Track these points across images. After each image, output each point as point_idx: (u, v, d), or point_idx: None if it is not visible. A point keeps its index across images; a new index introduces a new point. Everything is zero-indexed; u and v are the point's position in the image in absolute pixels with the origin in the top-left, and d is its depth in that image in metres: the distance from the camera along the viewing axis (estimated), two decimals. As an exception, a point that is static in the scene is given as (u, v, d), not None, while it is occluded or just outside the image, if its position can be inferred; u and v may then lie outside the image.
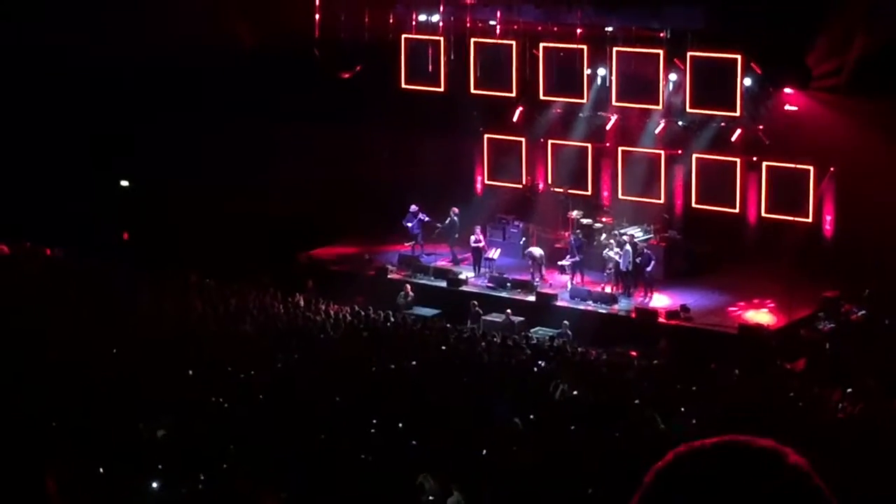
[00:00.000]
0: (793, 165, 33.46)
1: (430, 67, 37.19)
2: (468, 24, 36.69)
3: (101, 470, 18.54)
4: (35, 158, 38.94)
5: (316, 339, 28.54)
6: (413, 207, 36.53)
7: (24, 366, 24.30)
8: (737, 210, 34.45)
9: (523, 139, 37.74)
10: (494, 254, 35.50)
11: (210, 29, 36.02)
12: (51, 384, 22.72)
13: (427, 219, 36.45)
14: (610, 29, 34.70)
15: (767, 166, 33.89)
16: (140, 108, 38.87)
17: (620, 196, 36.16)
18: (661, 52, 33.87)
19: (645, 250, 33.57)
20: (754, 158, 34.13)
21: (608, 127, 36.25)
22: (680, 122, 35.03)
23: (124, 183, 40.94)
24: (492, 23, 36.60)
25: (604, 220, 36.35)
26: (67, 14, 36.75)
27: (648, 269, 33.41)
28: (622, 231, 34.94)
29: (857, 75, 31.62)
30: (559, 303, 33.24)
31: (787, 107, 33.80)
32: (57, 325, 27.31)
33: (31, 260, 34.73)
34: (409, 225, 36.57)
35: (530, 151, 37.76)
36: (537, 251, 34.73)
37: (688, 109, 34.20)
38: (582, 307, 33.00)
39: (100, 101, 38.69)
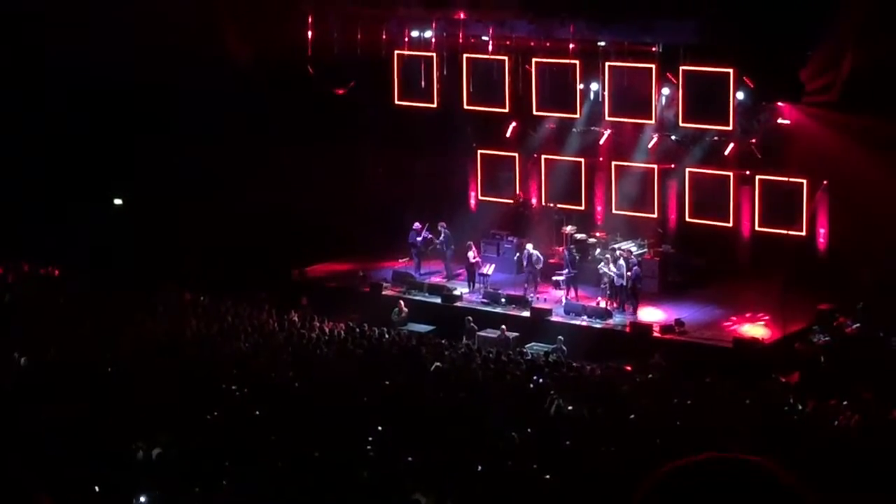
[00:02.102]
0: (786, 179, 33.54)
1: (423, 83, 37.24)
2: (461, 40, 36.74)
3: (97, 489, 18.51)
4: (28, 176, 38.92)
5: (311, 356, 28.51)
6: (416, 225, 36.50)
7: (19, 384, 24.28)
8: (730, 224, 34.54)
9: (516, 154, 37.81)
10: (489, 269, 35.49)
11: (205, 46, 36.03)
12: (45, 402, 22.68)
13: (430, 236, 36.46)
14: (602, 44, 34.75)
15: (760, 180, 33.97)
16: (134, 125, 38.86)
17: (614, 211, 36.24)
18: (653, 66, 33.93)
19: (634, 267, 33.51)
20: (747, 172, 34.20)
21: (601, 142, 36.33)
22: (673, 137, 35.08)
23: (118, 201, 40.92)
24: (484, 38, 36.66)
25: (598, 234, 36.38)
26: (64, 29, 36.72)
27: (626, 284, 33.35)
28: (616, 246, 34.96)
29: (849, 90, 31.70)
30: (554, 318, 33.21)
31: (779, 120, 33.88)
32: (51, 343, 27.26)
33: (24, 278, 34.70)
34: (419, 239, 36.48)
35: (524, 167, 37.83)
36: (535, 252, 34.56)
37: (681, 124, 34.25)
38: (577, 322, 32.98)
39: (95, 119, 38.69)
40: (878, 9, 30.98)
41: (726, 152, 34.32)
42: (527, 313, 33.53)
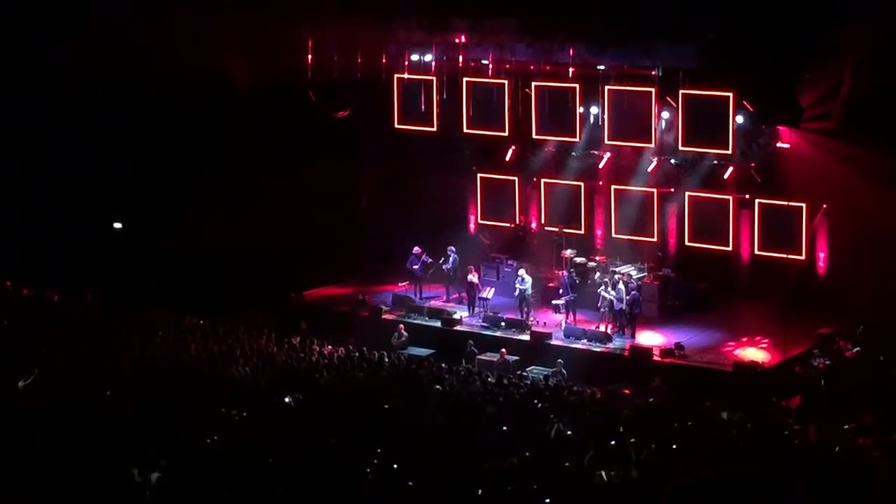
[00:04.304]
0: (785, 203, 33.55)
1: (423, 107, 37.26)
2: (460, 64, 36.74)
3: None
4: (28, 199, 38.96)
5: (310, 380, 28.45)
6: (416, 249, 36.51)
7: (18, 407, 24.23)
8: (730, 248, 34.55)
9: (516, 178, 37.82)
10: (488, 293, 35.50)
11: (204, 70, 36.05)
12: (44, 428, 22.61)
13: (430, 260, 36.45)
14: (602, 67, 34.76)
15: (760, 204, 33.99)
16: (134, 148, 38.88)
17: (614, 234, 36.23)
18: (653, 90, 33.94)
19: (633, 291, 33.50)
20: (747, 196, 34.22)
21: (601, 165, 36.34)
22: (672, 160, 35.09)
23: (117, 225, 40.91)
24: (484, 62, 36.69)
25: (597, 258, 36.38)
26: (66, 48, 36.80)
27: (625, 308, 33.34)
28: (616, 269, 34.94)
29: (849, 114, 31.72)
30: (553, 342, 33.19)
31: (779, 144, 33.89)
32: (49, 368, 27.21)
33: (24, 302, 34.65)
34: (415, 268, 36.50)
35: (523, 190, 37.83)
36: (526, 276, 34.71)
37: (680, 147, 34.25)
38: (576, 346, 32.95)
39: (94, 143, 38.70)
40: (876, 32, 30.99)
41: (726, 176, 34.34)
42: (526, 337, 33.52)
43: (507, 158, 37.58)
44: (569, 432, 24.60)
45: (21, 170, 39.14)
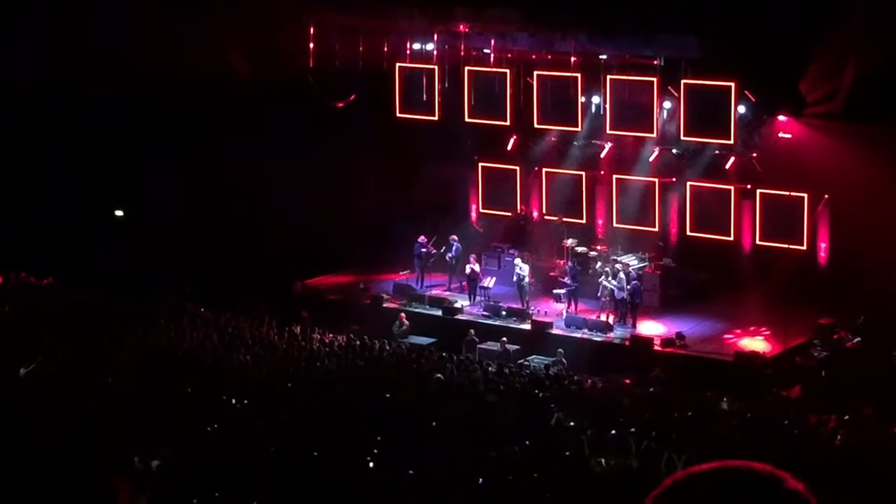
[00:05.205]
0: (787, 193, 33.55)
1: (425, 96, 37.25)
2: (462, 53, 36.75)
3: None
4: (30, 187, 38.94)
5: (311, 369, 28.48)
6: (421, 238, 36.50)
7: (17, 398, 24.24)
8: (731, 238, 34.54)
9: (518, 167, 37.80)
10: (489, 282, 35.51)
11: (205, 59, 36.01)
12: (43, 416, 22.63)
13: (433, 251, 36.47)
14: (604, 57, 34.77)
15: (761, 194, 33.99)
16: (136, 138, 38.84)
17: (615, 224, 36.23)
18: (654, 79, 33.94)
19: (633, 281, 33.51)
20: (748, 186, 34.21)
21: (602, 155, 36.32)
22: (674, 150, 35.09)
23: (119, 213, 40.91)
24: (486, 51, 36.68)
25: (598, 248, 36.38)
26: (64, 44, 36.76)
27: (626, 297, 33.37)
28: (617, 259, 34.96)
29: (852, 100, 31.70)
30: (554, 331, 33.20)
31: (781, 134, 33.88)
32: (49, 356, 27.23)
33: (25, 289, 34.67)
34: (423, 251, 36.51)
35: (525, 180, 37.82)
36: (522, 264, 34.78)
37: (682, 137, 34.25)
38: (577, 335, 32.97)
39: (96, 132, 38.67)
40: (877, 19, 30.97)
41: (727, 166, 34.34)
42: (527, 326, 33.54)
43: (509, 148, 37.57)
44: (570, 424, 24.64)
45: (21, 166, 39.10)
